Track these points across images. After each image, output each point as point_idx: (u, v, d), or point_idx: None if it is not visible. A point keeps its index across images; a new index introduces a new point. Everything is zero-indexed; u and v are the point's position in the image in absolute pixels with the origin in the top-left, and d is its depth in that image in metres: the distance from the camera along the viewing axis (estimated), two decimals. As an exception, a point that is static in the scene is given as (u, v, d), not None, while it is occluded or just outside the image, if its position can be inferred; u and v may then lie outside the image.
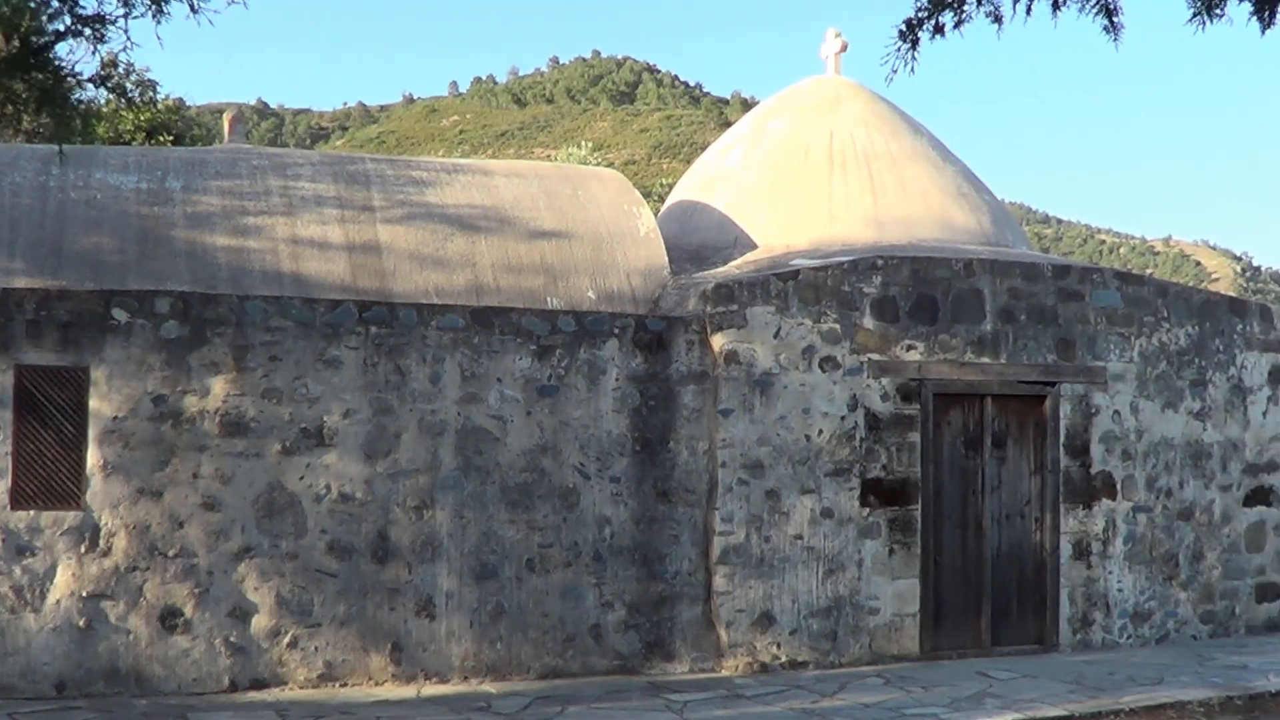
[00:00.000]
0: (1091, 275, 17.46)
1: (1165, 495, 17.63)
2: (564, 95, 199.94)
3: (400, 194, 16.50)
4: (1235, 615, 18.15)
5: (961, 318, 16.47)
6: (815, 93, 20.75)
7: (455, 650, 14.58)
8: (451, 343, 14.63)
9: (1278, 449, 18.60)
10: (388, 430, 14.41)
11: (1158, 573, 17.56)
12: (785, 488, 15.68)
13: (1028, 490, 17.04)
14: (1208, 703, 14.06)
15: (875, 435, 16.11)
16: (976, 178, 20.52)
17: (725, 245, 18.56)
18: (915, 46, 11.05)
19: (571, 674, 14.95)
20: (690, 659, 15.42)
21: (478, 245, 16.12)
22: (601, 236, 16.82)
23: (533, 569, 14.86)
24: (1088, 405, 17.19)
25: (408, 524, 14.44)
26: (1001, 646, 16.77)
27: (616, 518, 15.20)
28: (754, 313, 15.54)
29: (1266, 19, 10.66)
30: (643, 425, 15.33)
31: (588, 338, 15.14)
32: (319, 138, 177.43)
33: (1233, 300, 18.83)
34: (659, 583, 15.35)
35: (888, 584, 16.13)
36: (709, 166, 20.82)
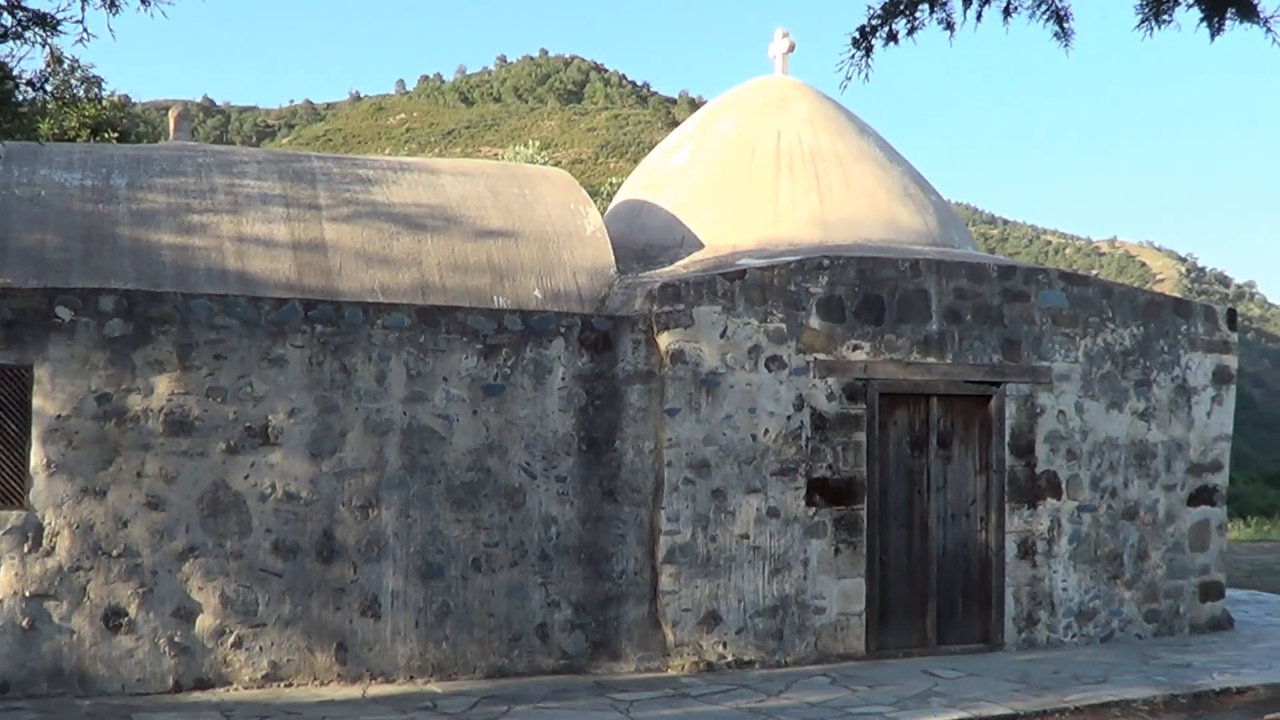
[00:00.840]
0: (1037, 276, 17.52)
1: (1110, 495, 17.71)
2: (511, 94, 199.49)
3: (346, 192, 16.45)
4: (1179, 614, 18.23)
5: (907, 318, 16.51)
6: (762, 93, 20.75)
7: (401, 650, 14.54)
8: (397, 342, 14.59)
9: (1221, 449, 18.70)
10: (333, 429, 14.37)
11: (1102, 572, 17.64)
12: (731, 487, 15.70)
13: (973, 490, 17.10)
14: (1152, 701, 14.14)
15: (821, 435, 16.14)
16: (923, 178, 20.55)
17: (672, 245, 18.56)
18: (869, 54, 11.07)
19: (518, 673, 14.93)
20: (636, 658, 15.42)
21: (424, 244, 16.08)
22: (548, 235, 16.80)
23: (478, 568, 14.84)
24: (1033, 405, 17.25)
25: (353, 523, 14.40)
26: (947, 645, 16.82)
27: (562, 517, 15.19)
28: (700, 312, 15.55)
29: (1215, 25, 10.69)
30: (589, 425, 15.33)
31: (534, 337, 15.12)
32: (265, 135, 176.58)
33: (1177, 301, 18.93)
34: (605, 582, 15.35)
35: (833, 583, 16.16)
36: (656, 166, 20.80)
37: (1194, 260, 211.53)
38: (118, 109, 34.70)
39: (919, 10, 10.85)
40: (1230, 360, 18.83)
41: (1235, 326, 18.97)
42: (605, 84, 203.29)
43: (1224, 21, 10.65)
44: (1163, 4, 10.66)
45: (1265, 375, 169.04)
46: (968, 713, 13.36)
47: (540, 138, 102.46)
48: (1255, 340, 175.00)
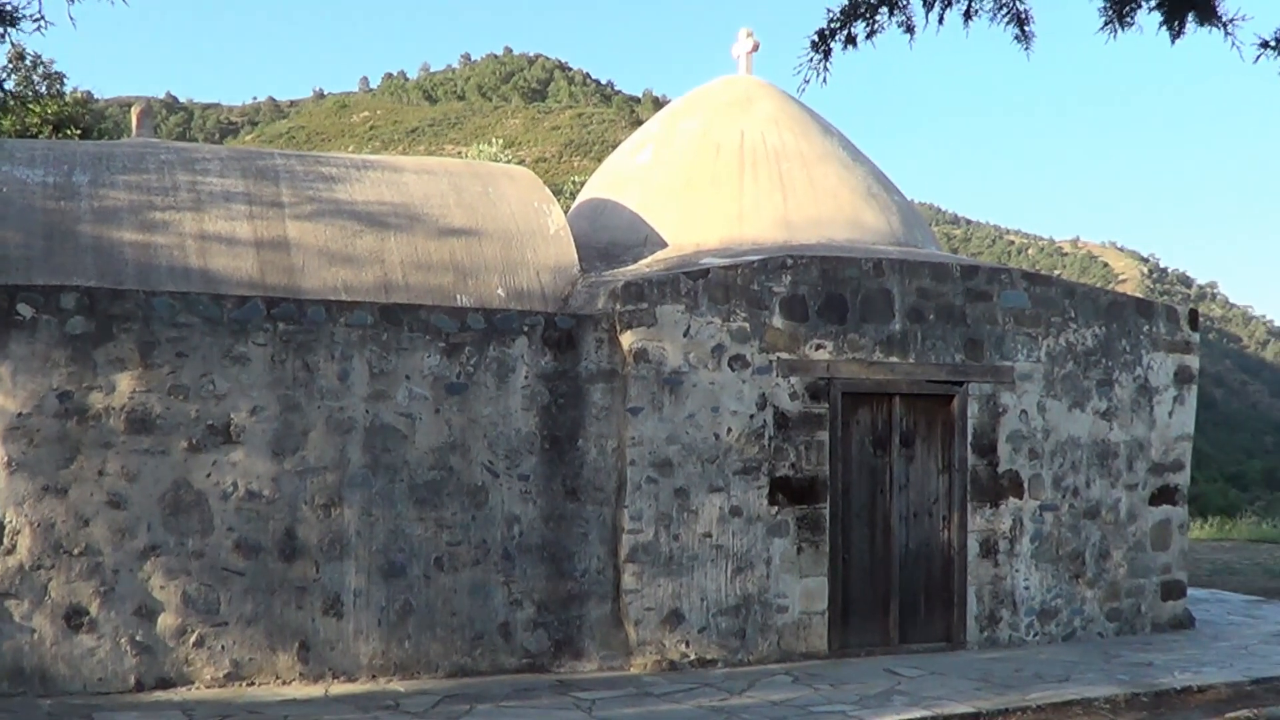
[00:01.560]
0: (999, 275, 17.56)
1: (1072, 494, 17.75)
2: (475, 92, 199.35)
3: (309, 190, 16.41)
4: (1141, 613, 18.29)
5: (870, 317, 16.53)
6: (727, 92, 20.76)
7: (363, 649, 14.51)
8: (360, 340, 14.56)
9: (1183, 449, 18.76)
10: (295, 428, 14.33)
11: (1064, 571, 17.69)
12: (694, 486, 15.70)
13: (935, 489, 17.13)
14: (1114, 699, 14.18)
15: (784, 434, 16.15)
16: (886, 178, 20.59)
17: (635, 243, 18.56)
18: (827, 57, 11.08)
19: (480, 672, 14.91)
20: (599, 657, 15.42)
21: (387, 242, 16.05)
22: (511, 234, 16.78)
23: (441, 567, 14.81)
24: (995, 405, 17.29)
25: (315, 522, 14.36)
26: (909, 644, 16.86)
27: (525, 516, 15.18)
28: (663, 311, 15.55)
29: (1176, 28, 10.74)
30: (552, 423, 15.31)
31: (497, 335, 15.11)
32: (228, 132, 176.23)
33: (1139, 301, 18.98)
34: (568, 581, 15.34)
35: (796, 582, 16.17)
36: (620, 165, 20.80)
37: (1156, 261, 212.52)
38: (80, 105, 34.58)
39: (879, 13, 10.87)
40: (1192, 360, 18.89)
41: (1197, 327, 19.02)
42: (569, 82, 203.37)
43: (1184, 25, 10.70)
44: (1125, 7, 10.70)
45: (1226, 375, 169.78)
46: (930, 711, 13.38)
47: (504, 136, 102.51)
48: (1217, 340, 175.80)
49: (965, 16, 10.97)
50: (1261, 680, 15.23)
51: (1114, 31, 10.84)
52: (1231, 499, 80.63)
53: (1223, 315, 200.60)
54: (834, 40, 11.01)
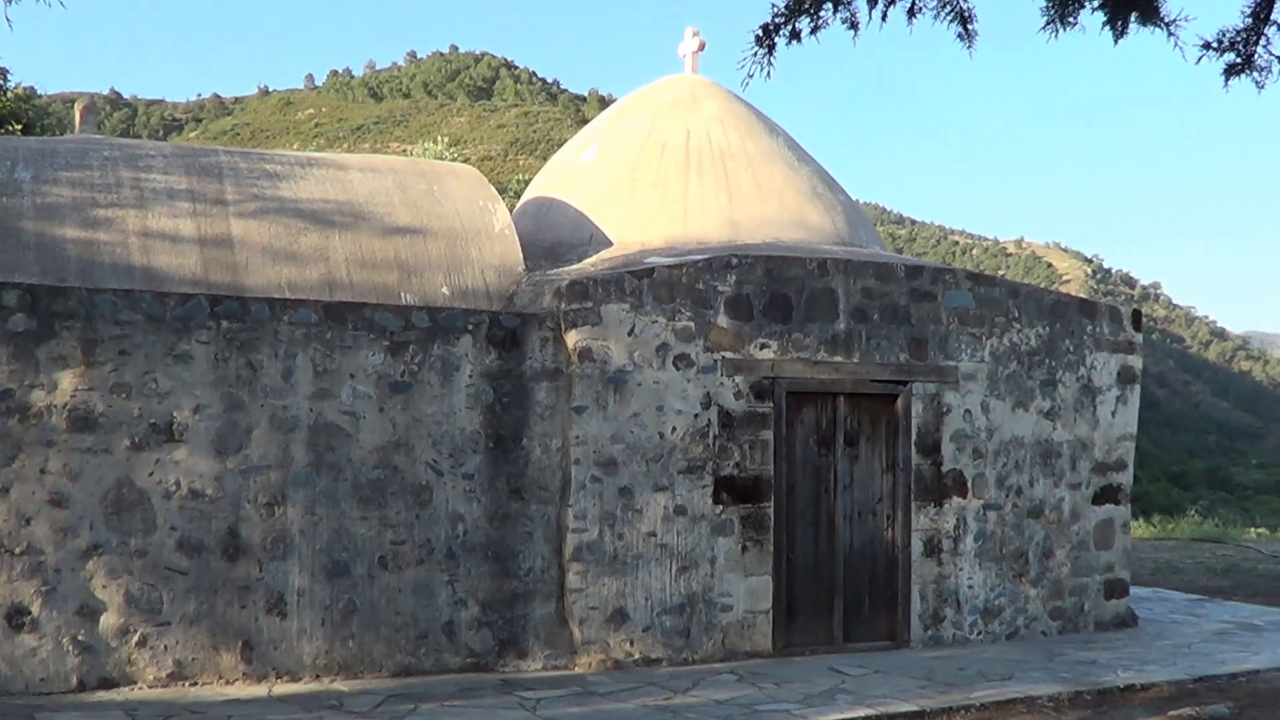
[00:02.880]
0: (944, 276, 17.61)
1: (1015, 493, 17.82)
2: (421, 90, 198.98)
3: (254, 187, 16.34)
4: (1084, 611, 18.37)
5: (815, 317, 16.56)
6: (672, 91, 20.78)
7: (307, 648, 14.46)
8: (304, 338, 14.51)
9: (1126, 448, 18.85)
10: (239, 426, 14.27)
11: (1008, 570, 17.75)
12: (639, 485, 15.70)
13: (880, 488, 17.17)
14: (1057, 698, 14.23)
15: (728, 433, 16.16)
16: (831, 178, 20.64)
17: (581, 242, 18.55)
18: (771, 52, 11.09)
19: (424, 672, 14.87)
20: (544, 656, 15.40)
21: (331, 240, 16.01)
22: (456, 232, 16.75)
23: (385, 566, 14.78)
24: (939, 404, 17.34)
25: (259, 521, 14.30)
26: (854, 643, 16.89)
27: (470, 515, 15.15)
28: (608, 310, 15.54)
29: (1119, 29, 10.79)
30: (496, 422, 15.29)
31: (441, 334, 15.07)
32: (172, 129, 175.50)
33: (1083, 302, 19.06)
34: (512, 580, 15.32)
35: (741, 581, 16.19)
36: (565, 163, 20.79)
37: (1100, 261, 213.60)
38: (22, 101, 34.37)
39: (823, 9, 10.88)
40: (1135, 360, 19.00)
41: (1140, 327, 19.13)
42: (515, 81, 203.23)
43: (1127, 25, 10.75)
44: (1068, 7, 10.75)
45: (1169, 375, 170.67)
46: (874, 710, 13.40)
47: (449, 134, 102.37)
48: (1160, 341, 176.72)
49: (909, 14, 11.00)
50: (1204, 678, 15.31)
51: (1056, 31, 10.89)
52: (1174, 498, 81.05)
53: (1166, 316, 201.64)
54: (778, 35, 11.02)
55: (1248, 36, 10.87)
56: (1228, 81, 11.00)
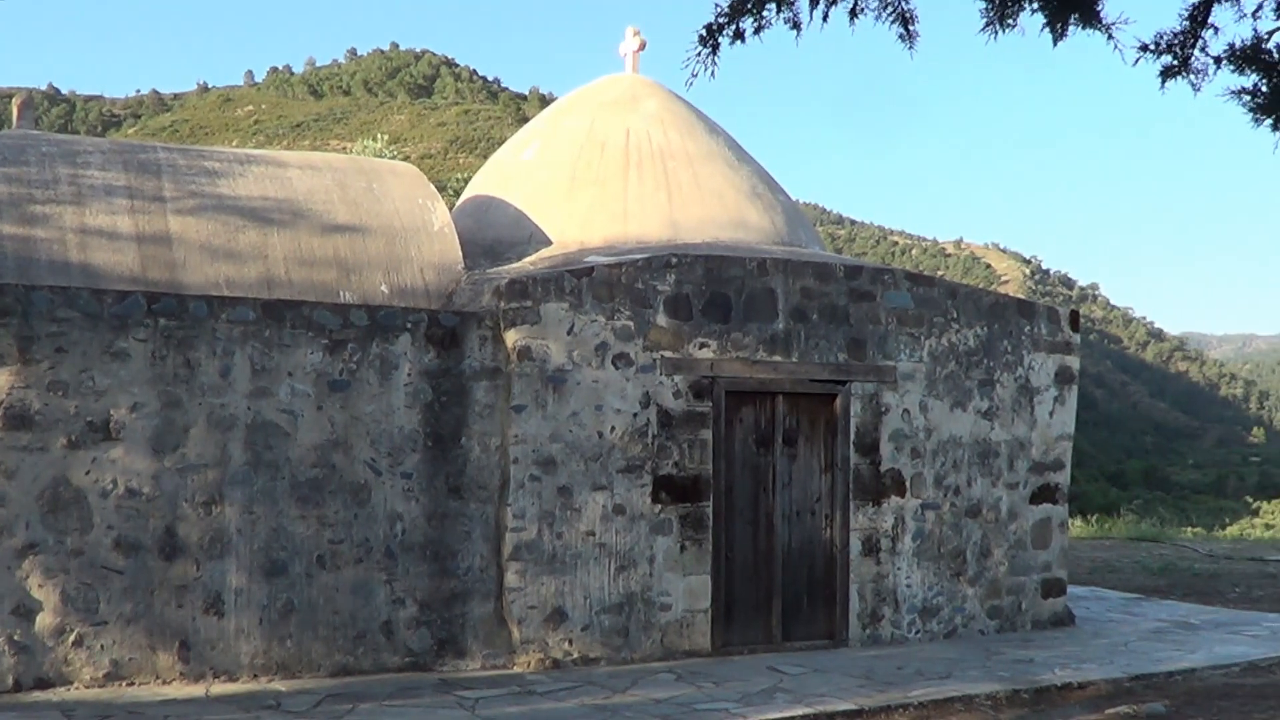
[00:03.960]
0: (883, 276, 17.66)
1: (953, 493, 17.89)
2: (361, 87, 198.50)
3: (192, 184, 16.27)
4: (1022, 610, 18.45)
5: (754, 316, 16.58)
6: (613, 90, 20.77)
7: (244, 648, 14.41)
8: (242, 336, 14.45)
9: (1063, 448, 18.95)
10: (176, 424, 14.20)
11: (945, 569, 17.81)
12: (578, 484, 15.69)
13: (818, 487, 17.20)
14: (995, 696, 14.28)
15: (667, 432, 16.17)
16: (771, 178, 20.67)
17: (520, 241, 18.54)
18: (715, 51, 11.08)
19: (363, 671, 14.84)
20: (482, 656, 15.38)
21: (270, 238, 15.95)
22: (396, 231, 16.71)
23: (323, 565, 14.73)
24: (878, 404, 17.39)
25: (196, 520, 14.24)
26: (792, 642, 16.92)
27: (408, 514, 15.12)
28: (548, 309, 15.53)
29: (1059, 30, 10.81)
30: (435, 421, 15.27)
31: (380, 332, 15.04)
32: (111, 125, 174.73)
33: (1021, 303, 19.15)
34: (451, 579, 15.30)
35: (679, 580, 16.20)
36: (505, 162, 20.76)
37: (1038, 262, 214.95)
38: (-42, 98, 34.12)
39: (766, 9, 10.89)
40: (1072, 361, 19.09)
41: (1078, 328, 19.23)
42: (456, 79, 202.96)
43: (1067, 27, 10.78)
44: (1007, 8, 10.77)
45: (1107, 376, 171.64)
46: (813, 709, 13.42)
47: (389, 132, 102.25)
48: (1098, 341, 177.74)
49: (851, 14, 11.00)
50: (1140, 676, 15.38)
51: (995, 32, 10.91)
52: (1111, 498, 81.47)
53: (1104, 317, 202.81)
54: (722, 35, 11.01)
55: (1185, 39, 10.92)
56: (1164, 84, 11.04)
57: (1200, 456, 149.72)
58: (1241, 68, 10.82)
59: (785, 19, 11.01)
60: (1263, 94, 10.69)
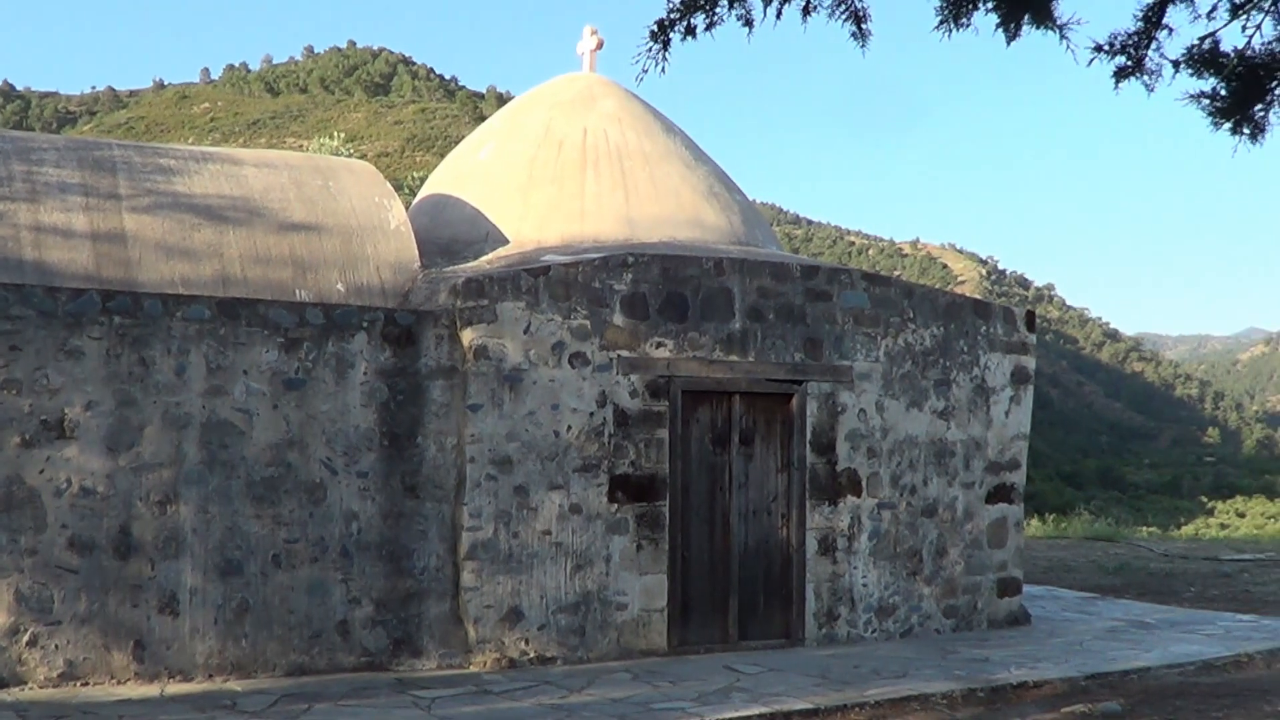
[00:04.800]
0: (839, 276, 17.68)
1: (909, 492, 17.92)
2: (318, 85, 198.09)
3: (148, 182, 16.19)
4: (978, 610, 18.50)
5: (711, 316, 16.59)
6: (570, 89, 20.75)
7: (199, 648, 14.36)
8: (197, 334, 14.40)
9: (1019, 448, 19.00)
10: (131, 423, 14.14)
11: (902, 568, 17.84)
12: (534, 484, 15.68)
13: (775, 487, 17.22)
14: (951, 695, 14.31)
15: (624, 432, 16.17)
16: (728, 178, 20.67)
17: (477, 240, 18.51)
18: (666, 47, 11.07)
19: (318, 671, 14.80)
20: (438, 655, 15.35)
21: (226, 236, 15.89)
22: (352, 229, 16.66)
23: (279, 565, 14.69)
24: (834, 404, 17.41)
25: (151, 519, 14.18)
26: (748, 641, 16.93)
27: (364, 513, 15.08)
28: (504, 308, 15.52)
29: (1012, 30, 10.84)
30: (391, 420, 15.23)
31: (336, 331, 15.00)
32: (66, 122, 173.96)
33: (977, 303, 19.19)
34: (407, 579, 15.26)
35: (635, 579, 16.20)
36: (462, 160, 20.72)
37: (995, 263, 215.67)
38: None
39: (718, 6, 10.89)
40: (1028, 361, 19.14)
41: (1034, 328, 19.28)
42: (413, 77, 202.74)
43: (1021, 26, 10.80)
44: (961, 7, 10.79)
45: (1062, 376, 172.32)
46: (769, 708, 13.43)
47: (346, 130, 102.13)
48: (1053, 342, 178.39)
49: (803, 12, 10.99)
50: (1096, 675, 15.42)
51: (949, 32, 10.93)
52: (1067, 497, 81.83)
53: (1059, 317, 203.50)
54: (673, 31, 11.00)
55: (1138, 40, 10.95)
56: (1118, 84, 11.08)
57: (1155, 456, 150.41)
58: (1200, 71, 10.87)
59: (737, 15, 11.02)
60: (1222, 98, 10.74)
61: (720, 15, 10.93)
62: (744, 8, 10.91)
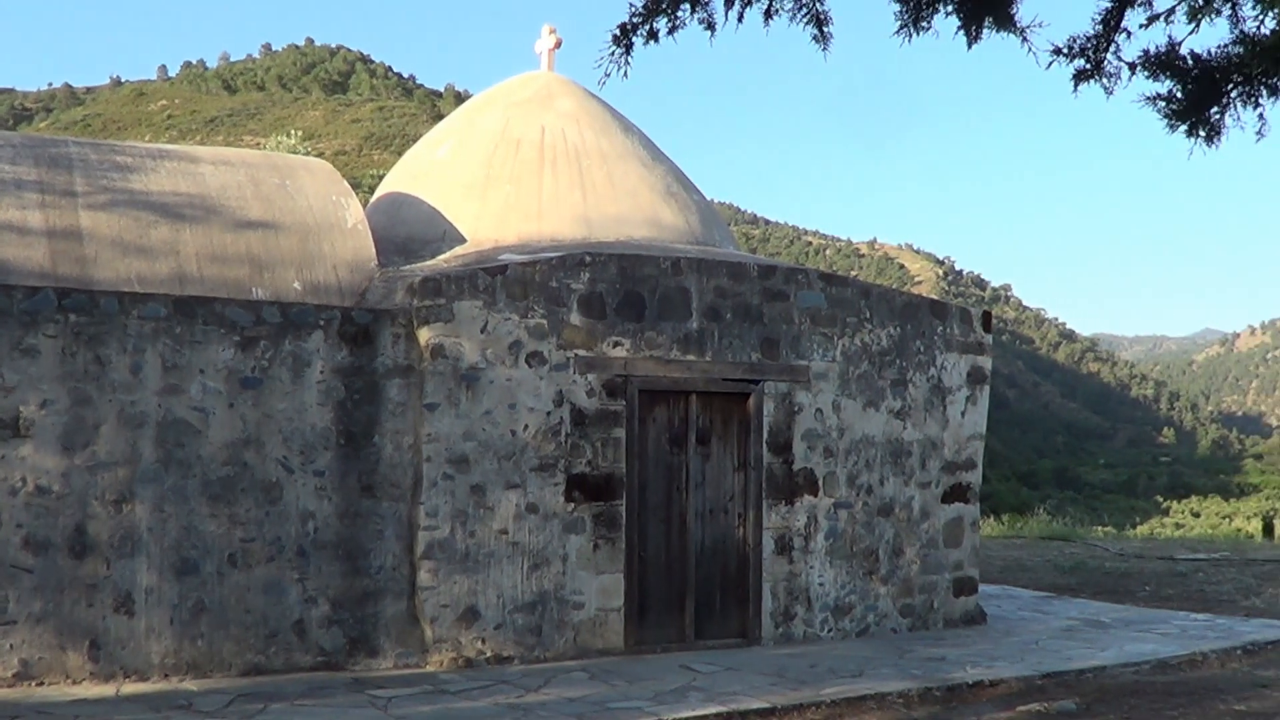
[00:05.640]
0: (796, 276, 17.70)
1: (866, 492, 17.95)
2: (275, 83, 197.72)
3: (104, 179, 16.13)
4: (934, 609, 18.54)
5: (668, 315, 16.60)
6: (528, 88, 20.73)
7: (155, 648, 14.31)
8: (153, 332, 14.36)
9: (975, 448, 19.05)
10: (86, 421, 14.09)
11: (858, 567, 17.87)
12: (490, 483, 15.67)
13: (731, 486, 17.23)
14: (907, 694, 14.33)
15: (581, 431, 16.17)
16: (686, 177, 20.68)
17: (434, 239, 18.48)
18: (629, 51, 11.07)
19: (275, 670, 14.76)
20: (395, 655, 15.33)
21: (182, 234, 15.83)
22: (309, 227, 16.62)
23: (235, 564, 14.65)
24: (791, 403, 17.43)
25: (106, 518, 14.13)
26: (705, 640, 16.94)
27: (320, 512, 15.05)
28: (461, 307, 15.50)
29: (973, 33, 10.86)
30: (347, 419, 15.21)
31: (293, 329, 14.97)
32: (22, 119, 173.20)
33: (934, 303, 19.23)
34: (363, 578, 15.24)
35: (592, 579, 16.20)
36: (419, 159, 20.69)
37: (952, 263, 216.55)
38: None
39: (680, 9, 10.88)
40: (984, 361, 19.20)
41: (990, 328, 19.35)
42: (371, 75, 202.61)
43: (981, 29, 10.83)
44: (922, 11, 10.81)
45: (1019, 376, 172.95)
46: (725, 707, 13.44)
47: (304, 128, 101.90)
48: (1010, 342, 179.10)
49: (765, 15, 11.00)
50: (1051, 674, 15.47)
51: (910, 35, 10.95)
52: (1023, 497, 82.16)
53: (1016, 317, 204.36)
54: (636, 35, 11.00)
55: (1098, 43, 11.00)
56: (1077, 87, 11.12)
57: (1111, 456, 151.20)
58: (1156, 74, 10.91)
59: (699, 19, 11.02)
60: (1178, 100, 10.78)
61: (682, 19, 10.93)
62: (706, 11, 10.91)
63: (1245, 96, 10.73)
